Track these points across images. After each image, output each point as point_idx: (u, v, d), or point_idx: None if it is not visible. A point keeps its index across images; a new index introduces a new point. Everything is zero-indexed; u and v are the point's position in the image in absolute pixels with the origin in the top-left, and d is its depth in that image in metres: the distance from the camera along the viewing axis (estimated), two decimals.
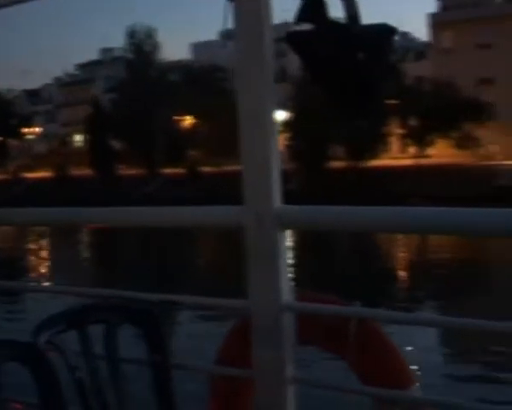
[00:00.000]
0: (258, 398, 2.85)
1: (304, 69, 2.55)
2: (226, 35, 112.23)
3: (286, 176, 2.90)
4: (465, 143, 71.52)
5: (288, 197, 2.82)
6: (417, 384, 3.27)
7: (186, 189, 70.74)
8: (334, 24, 2.45)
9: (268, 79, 2.64)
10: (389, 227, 2.83)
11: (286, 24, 2.76)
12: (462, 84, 75.59)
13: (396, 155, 78.12)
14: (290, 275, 2.76)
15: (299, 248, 31.61)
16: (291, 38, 2.55)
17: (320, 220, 2.75)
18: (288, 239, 2.87)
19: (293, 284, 2.79)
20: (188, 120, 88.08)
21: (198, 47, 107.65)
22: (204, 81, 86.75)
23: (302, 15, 2.48)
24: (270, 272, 2.70)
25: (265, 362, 2.76)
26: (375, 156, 73.79)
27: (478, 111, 71.34)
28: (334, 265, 32.29)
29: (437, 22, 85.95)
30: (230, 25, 2.71)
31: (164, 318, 2.95)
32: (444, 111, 68.82)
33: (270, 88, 2.64)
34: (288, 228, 2.79)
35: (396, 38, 2.59)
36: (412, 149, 76.31)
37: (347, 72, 2.43)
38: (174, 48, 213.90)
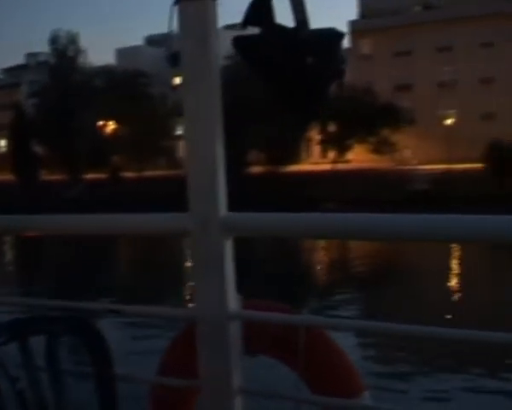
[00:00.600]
0: (203, 409, 2.79)
1: (252, 74, 2.53)
2: (151, 41, 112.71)
3: None
4: (382, 148, 73.26)
5: None
6: (366, 392, 3.29)
7: (108, 193, 70.80)
8: (282, 28, 2.47)
9: (214, 83, 2.61)
10: (333, 234, 2.82)
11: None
12: (381, 91, 77.50)
13: (316, 160, 79.54)
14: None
15: None
16: (238, 42, 2.54)
17: (266, 227, 2.74)
18: None
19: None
20: (111, 126, 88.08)
21: (122, 52, 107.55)
22: (127, 86, 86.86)
23: (249, 19, 2.49)
24: (216, 280, 2.64)
25: (212, 372, 2.70)
26: (294, 161, 74.94)
27: (394, 117, 73.08)
28: (259, 267, 32.37)
29: (356, 29, 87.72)
30: (175, 28, 2.68)
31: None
32: (362, 117, 70.23)
33: (216, 92, 2.61)
34: (234, 235, 2.72)
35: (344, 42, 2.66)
36: (332, 154, 77.60)
37: (295, 76, 2.44)
38: (99, 53, 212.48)
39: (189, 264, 3.06)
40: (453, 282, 28.28)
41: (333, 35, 2.55)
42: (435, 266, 30.92)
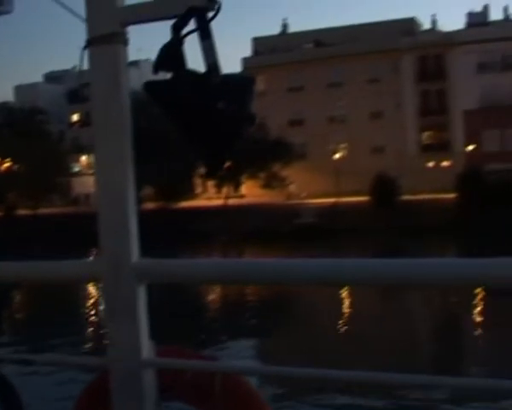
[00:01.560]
0: None
1: (164, 118, 2.52)
2: (49, 77, 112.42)
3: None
4: (272, 182, 74.91)
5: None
6: None
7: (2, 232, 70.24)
8: (193, 73, 2.48)
9: (125, 125, 2.58)
10: (243, 279, 2.81)
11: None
12: (274, 126, 79.38)
13: (211, 196, 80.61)
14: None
15: None
16: (149, 87, 2.52)
17: (179, 273, 2.69)
18: None
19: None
20: (6, 163, 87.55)
21: (21, 89, 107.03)
22: (24, 123, 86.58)
23: (160, 64, 2.48)
24: (129, 327, 2.58)
25: None
26: (188, 197, 75.92)
27: (285, 152, 74.81)
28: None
29: (249, 66, 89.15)
30: (86, 71, 2.67)
31: None
32: (253, 152, 71.49)
33: (127, 135, 2.59)
34: (148, 282, 2.66)
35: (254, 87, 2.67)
36: (227, 190, 78.71)
37: (207, 121, 2.46)
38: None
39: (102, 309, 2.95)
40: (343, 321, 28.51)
41: (244, 80, 2.60)
42: (327, 306, 31.01)
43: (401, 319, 28.92)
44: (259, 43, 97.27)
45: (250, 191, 78.32)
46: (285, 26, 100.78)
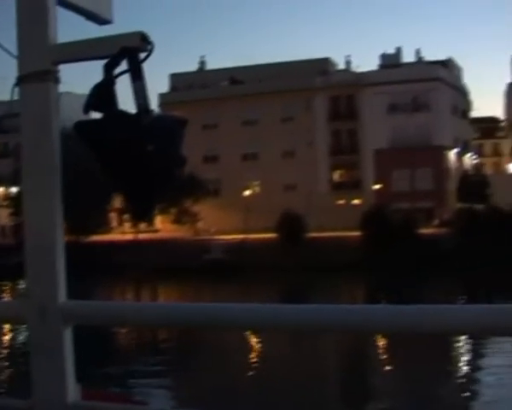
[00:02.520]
0: None
1: (93, 159, 2.47)
2: None
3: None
4: (183, 218, 74.77)
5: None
6: None
7: None
8: (124, 114, 2.45)
9: (54, 164, 2.54)
10: (168, 323, 2.78)
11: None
12: (189, 162, 78.69)
13: (125, 230, 79.92)
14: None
15: None
16: (79, 127, 2.49)
17: (105, 315, 2.66)
18: None
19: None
20: None
21: None
22: None
23: (91, 105, 2.45)
24: (54, 370, 2.51)
25: None
26: (100, 231, 75.18)
27: (196, 188, 74.80)
28: None
29: (166, 102, 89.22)
30: (12, 102, 2.64)
31: None
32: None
33: (56, 175, 2.56)
34: (74, 324, 2.60)
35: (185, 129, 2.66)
36: (141, 224, 78.18)
37: (136, 163, 2.42)
38: None
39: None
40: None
41: (175, 122, 2.60)
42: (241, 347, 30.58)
43: (310, 360, 28.80)
44: (177, 80, 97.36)
45: (164, 226, 77.93)
46: (202, 62, 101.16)
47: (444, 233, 61.28)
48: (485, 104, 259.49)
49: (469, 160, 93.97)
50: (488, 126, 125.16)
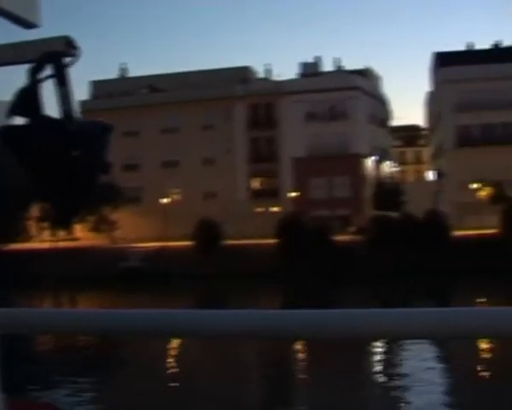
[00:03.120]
0: None
1: (18, 165, 2.43)
2: None
3: None
4: (101, 226, 74.30)
5: None
6: None
7: None
8: (49, 120, 2.41)
9: None
10: (97, 330, 2.68)
11: None
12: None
13: (44, 238, 78.98)
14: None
15: None
16: (4, 132, 2.43)
17: (33, 323, 2.54)
18: None
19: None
20: None
21: None
22: None
23: (15, 110, 2.40)
24: None
25: None
26: (21, 239, 74.10)
27: (115, 196, 74.42)
28: None
29: (86, 110, 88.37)
30: None
31: None
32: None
33: None
34: (2, 332, 2.53)
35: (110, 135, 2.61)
36: (61, 232, 77.40)
37: (60, 168, 2.38)
38: None
39: None
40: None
41: (100, 128, 2.59)
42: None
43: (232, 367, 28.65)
44: (97, 87, 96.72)
45: (83, 234, 77.27)
46: (123, 70, 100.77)
47: (358, 241, 62.14)
48: (408, 113, 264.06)
49: (388, 168, 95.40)
50: (410, 135, 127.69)
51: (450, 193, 76.94)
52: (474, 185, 69.95)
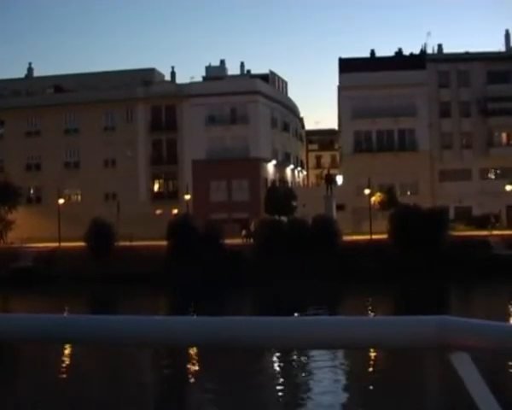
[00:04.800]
0: None
1: None
2: None
3: None
4: None
5: None
6: None
7: None
8: None
9: None
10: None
11: None
12: (12, 170, 78.54)
13: None
14: None
15: None
16: None
17: None
18: None
19: None
20: None
21: None
22: None
23: None
24: None
25: None
26: None
27: (11, 195, 73.82)
28: None
29: None
30: None
31: None
32: None
33: None
34: None
35: None
36: None
37: None
38: None
39: None
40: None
41: None
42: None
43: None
44: (3, 86, 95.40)
45: None
46: (30, 69, 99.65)
47: (248, 244, 62.67)
48: (326, 117, 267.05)
49: (292, 172, 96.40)
50: (326, 139, 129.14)
51: (348, 198, 78.29)
52: (367, 191, 71.09)
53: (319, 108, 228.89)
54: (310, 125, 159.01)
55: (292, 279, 54.16)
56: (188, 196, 78.42)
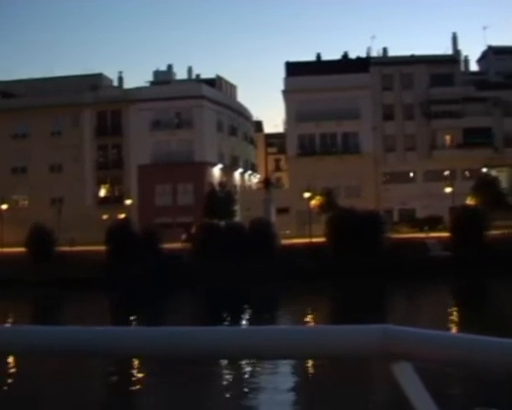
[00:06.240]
0: None
1: None
2: None
3: None
4: None
5: None
6: None
7: None
8: None
9: None
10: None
11: None
12: None
13: None
14: None
15: None
16: None
17: None
18: None
19: None
20: None
21: None
22: None
23: None
24: None
25: None
26: None
27: None
28: None
29: None
30: None
31: None
32: None
33: None
34: None
35: None
36: None
37: None
38: None
39: None
40: None
41: None
42: None
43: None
44: None
45: None
46: None
47: (187, 249, 63.16)
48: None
49: (242, 175, 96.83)
50: (284, 142, 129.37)
51: (292, 201, 78.99)
52: (307, 194, 71.85)
53: (275, 112, 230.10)
54: (270, 128, 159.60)
55: (228, 282, 54.81)
56: (129, 201, 78.84)
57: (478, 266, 57.79)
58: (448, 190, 77.16)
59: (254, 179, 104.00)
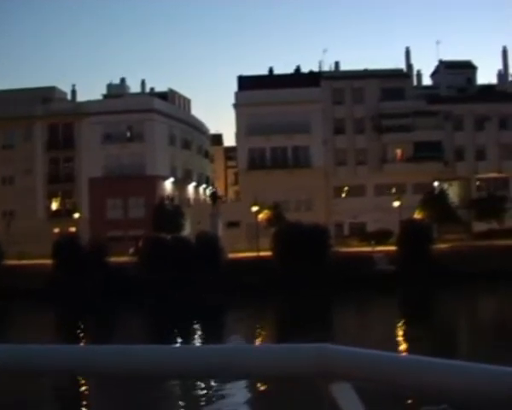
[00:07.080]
0: None
1: None
2: None
3: None
4: None
5: None
6: None
7: None
8: None
9: None
10: None
11: None
12: None
13: None
14: None
15: None
16: None
17: None
18: None
19: None
20: None
21: None
22: None
23: None
24: None
25: None
26: None
27: None
28: None
29: None
30: None
31: None
32: None
33: None
34: None
35: None
36: None
37: None
38: None
39: None
40: None
41: None
42: None
43: None
44: None
45: None
46: None
47: (133, 262, 63.36)
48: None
49: (195, 189, 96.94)
50: None
51: (242, 215, 79.32)
52: (255, 208, 72.35)
53: (231, 126, 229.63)
54: (230, 141, 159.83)
55: (173, 295, 55.13)
56: (77, 215, 78.89)
57: (422, 280, 58.66)
58: (396, 204, 77.85)
59: (209, 193, 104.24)
